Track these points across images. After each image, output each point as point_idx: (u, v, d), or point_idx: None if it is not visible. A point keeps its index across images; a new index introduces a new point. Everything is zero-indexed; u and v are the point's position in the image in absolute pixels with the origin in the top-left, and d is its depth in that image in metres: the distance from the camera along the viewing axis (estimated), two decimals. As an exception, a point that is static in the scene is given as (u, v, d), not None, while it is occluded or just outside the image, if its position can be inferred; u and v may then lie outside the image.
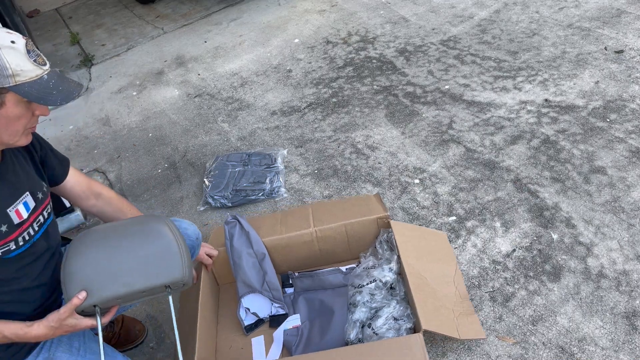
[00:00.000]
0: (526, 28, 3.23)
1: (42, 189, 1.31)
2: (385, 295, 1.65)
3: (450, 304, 1.58)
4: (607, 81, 2.62)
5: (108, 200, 1.53)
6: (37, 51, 1.09)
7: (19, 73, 1.03)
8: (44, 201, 1.31)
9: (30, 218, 1.23)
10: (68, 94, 1.11)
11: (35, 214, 1.26)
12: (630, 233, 1.85)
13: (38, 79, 1.07)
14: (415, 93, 2.84)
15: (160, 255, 1.22)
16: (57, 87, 1.10)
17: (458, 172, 2.26)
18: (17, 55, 1.03)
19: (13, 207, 1.19)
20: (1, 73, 1.02)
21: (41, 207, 1.29)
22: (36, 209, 1.26)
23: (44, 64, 1.09)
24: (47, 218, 1.32)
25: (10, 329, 1.15)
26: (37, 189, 1.28)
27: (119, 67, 3.97)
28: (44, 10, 5.59)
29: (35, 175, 1.31)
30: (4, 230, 1.15)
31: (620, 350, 1.53)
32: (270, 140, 2.74)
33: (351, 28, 3.71)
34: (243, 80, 3.36)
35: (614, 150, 2.21)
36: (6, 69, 1.02)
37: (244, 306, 1.76)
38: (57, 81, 1.10)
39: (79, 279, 1.16)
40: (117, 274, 1.18)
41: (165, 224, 1.27)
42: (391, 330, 1.54)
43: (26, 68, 1.05)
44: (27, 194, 1.24)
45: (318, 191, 2.34)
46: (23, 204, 1.22)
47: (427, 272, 1.63)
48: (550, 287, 1.73)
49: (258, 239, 1.80)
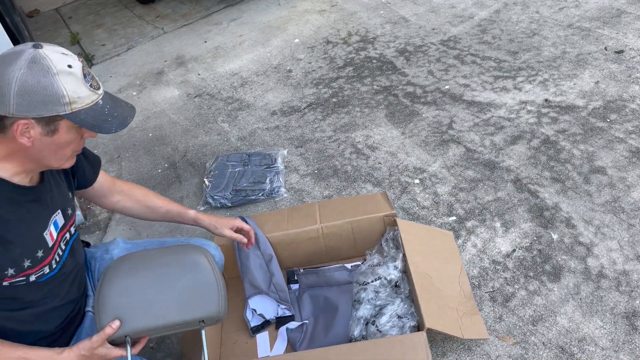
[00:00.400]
0: (526, 28, 3.23)
1: (71, 204, 1.27)
2: (390, 293, 1.65)
3: (455, 303, 1.58)
4: (607, 81, 2.62)
5: (131, 193, 1.49)
6: (91, 73, 1.05)
7: (76, 100, 0.99)
8: (72, 216, 1.27)
9: (58, 237, 1.19)
10: (123, 120, 1.07)
11: (63, 231, 1.22)
12: (630, 233, 1.85)
13: (94, 105, 1.03)
14: (415, 93, 2.84)
15: (197, 288, 1.19)
16: (112, 113, 1.06)
17: (458, 172, 2.26)
18: (74, 80, 0.99)
19: (48, 229, 1.15)
20: (57, 101, 0.97)
21: (69, 223, 1.25)
22: (64, 226, 1.22)
23: (98, 88, 1.05)
24: (73, 234, 1.28)
25: (40, 356, 1.10)
26: (67, 205, 1.24)
27: (119, 67, 3.97)
28: (44, 10, 5.58)
29: (66, 190, 1.27)
30: (40, 255, 1.12)
31: (620, 351, 1.53)
32: (270, 140, 2.74)
33: (351, 28, 3.71)
34: (243, 80, 3.36)
35: (614, 151, 2.21)
36: (63, 96, 0.97)
37: (250, 307, 1.76)
38: (111, 106, 1.06)
39: (112, 308, 1.14)
40: (151, 305, 1.15)
41: (203, 255, 1.24)
42: (395, 328, 1.54)
43: (83, 94, 1.00)
44: (58, 212, 1.20)
45: (318, 191, 2.34)
46: (54, 223, 1.18)
47: (432, 271, 1.63)
48: (550, 287, 1.73)
49: (265, 240, 1.81)
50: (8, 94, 0.95)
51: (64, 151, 1.08)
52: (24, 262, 1.09)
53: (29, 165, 1.08)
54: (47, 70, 0.96)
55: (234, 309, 1.82)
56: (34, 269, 1.11)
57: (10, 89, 0.94)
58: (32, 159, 1.07)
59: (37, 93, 0.96)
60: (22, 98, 0.95)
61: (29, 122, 0.98)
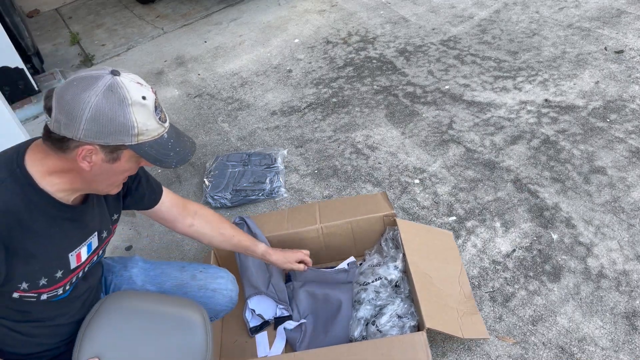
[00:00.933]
0: (526, 28, 3.23)
1: (109, 226, 1.25)
2: (390, 293, 1.65)
3: (455, 303, 1.58)
4: (607, 81, 2.62)
5: (205, 218, 1.48)
6: (161, 106, 1.04)
7: (144, 132, 0.98)
8: (106, 239, 1.25)
9: (86, 260, 1.17)
10: (184, 155, 1.06)
11: (94, 254, 1.20)
12: (630, 233, 1.85)
13: (159, 138, 1.02)
14: (415, 93, 2.85)
15: (186, 352, 1.17)
16: (174, 147, 1.04)
17: (458, 172, 2.26)
18: (145, 112, 0.98)
19: (76, 251, 1.13)
20: (127, 131, 0.96)
21: (102, 245, 1.23)
22: (96, 249, 1.21)
23: (165, 121, 1.04)
24: (101, 255, 1.26)
25: None
26: (105, 227, 1.22)
27: (119, 67, 3.96)
28: (44, 10, 5.58)
29: (107, 212, 1.24)
30: (59, 276, 1.10)
31: (620, 351, 1.53)
32: (270, 140, 2.74)
33: (351, 28, 3.71)
34: (243, 80, 3.36)
35: (614, 151, 2.21)
36: (133, 127, 0.96)
37: (249, 308, 1.76)
38: (175, 140, 1.05)
39: (96, 345, 1.12)
40: (135, 354, 1.13)
41: (202, 316, 1.22)
42: (395, 328, 1.55)
43: (151, 127, 0.99)
44: (95, 235, 1.18)
45: (318, 191, 2.34)
46: (87, 246, 1.16)
47: (432, 270, 1.64)
48: (550, 287, 1.73)
49: (265, 240, 1.81)
50: (80, 118, 0.93)
51: (117, 178, 1.08)
52: (41, 279, 1.07)
53: (77, 185, 1.06)
54: (122, 100, 0.95)
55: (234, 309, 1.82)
56: (49, 288, 1.09)
57: (84, 114, 0.93)
58: (84, 181, 1.05)
59: (110, 122, 0.94)
60: (94, 124, 0.94)
61: (93, 149, 0.97)
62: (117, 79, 0.97)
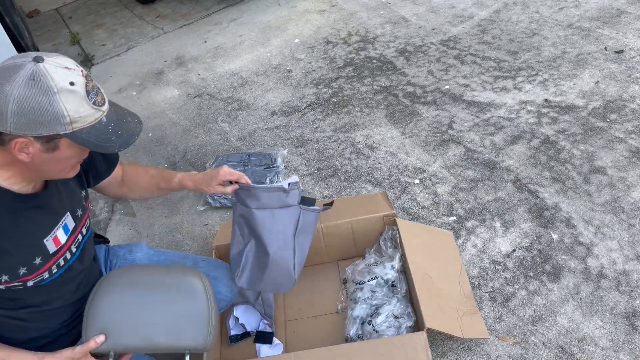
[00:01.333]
0: (526, 28, 3.23)
1: (82, 203, 1.23)
2: (387, 293, 1.65)
3: (455, 303, 1.58)
4: (607, 81, 2.62)
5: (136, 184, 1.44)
6: (96, 88, 0.99)
7: (77, 119, 0.94)
8: (83, 217, 1.23)
9: (68, 241, 1.17)
10: (127, 138, 1.02)
11: (75, 234, 1.19)
12: (630, 233, 1.85)
13: (96, 124, 0.98)
14: (415, 93, 2.85)
15: (189, 317, 1.18)
16: (116, 131, 1.00)
17: (458, 172, 2.26)
18: (76, 99, 0.93)
19: (51, 235, 1.12)
20: (57, 121, 0.92)
21: (80, 224, 1.22)
22: (75, 228, 1.20)
23: (102, 104, 0.99)
24: (86, 234, 1.25)
25: (20, 358, 1.09)
26: (77, 206, 1.21)
27: (119, 67, 3.97)
28: (44, 10, 5.59)
29: (76, 189, 1.23)
30: (38, 262, 1.10)
31: (620, 350, 1.53)
32: (270, 140, 2.74)
33: (351, 28, 3.71)
34: (243, 80, 3.36)
35: (614, 151, 2.21)
36: (64, 116, 0.92)
37: (234, 315, 1.74)
38: (116, 123, 1.01)
39: (100, 321, 1.13)
40: (140, 324, 1.15)
41: (202, 283, 1.23)
42: (391, 328, 1.54)
43: (85, 113, 0.95)
44: (67, 215, 1.17)
45: (318, 191, 2.34)
46: (63, 227, 1.15)
47: (432, 270, 1.64)
48: (550, 287, 1.73)
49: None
50: (6, 112, 0.90)
51: (64, 165, 1.05)
52: (19, 269, 1.07)
53: (28, 175, 1.05)
54: (46, 90, 0.91)
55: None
56: (31, 275, 1.09)
57: (8, 108, 0.90)
58: (32, 171, 1.04)
59: (36, 113, 0.91)
60: (20, 117, 0.91)
61: (27, 140, 0.94)
62: (40, 66, 0.92)
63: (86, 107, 0.95)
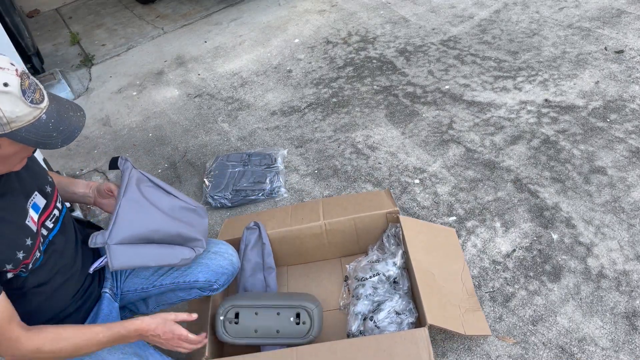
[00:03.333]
0: (526, 28, 3.23)
1: (48, 180, 1.25)
2: (388, 289, 1.66)
3: (457, 300, 1.58)
4: (607, 81, 2.62)
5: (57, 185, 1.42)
6: (33, 86, 0.99)
7: (14, 119, 0.94)
8: (54, 193, 1.25)
9: (40, 219, 1.18)
10: (69, 134, 1.03)
11: (47, 211, 1.21)
12: (630, 233, 1.85)
13: (36, 122, 0.98)
14: (415, 93, 2.84)
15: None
16: (57, 127, 1.01)
17: (458, 172, 2.26)
18: (11, 99, 0.93)
19: (27, 217, 1.14)
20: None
21: (53, 200, 1.23)
22: (47, 205, 1.21)
23: (41, 101, 0.99)
24: (62, 209, 1.27)
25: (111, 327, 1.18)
26: (42, 183, 1.23)
27: (119, 67, 3.97)
28: (44, 10, 5.58)
29: (38, 167, 1.25)
30: (29, 243, 1.12)
31: (620, 351, 1.53)
32: (270, 140, 2.74)
33: (351, 28, 3.71)
34: (243, 80, 3.36)
35: (614, 151, 2.21)
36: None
37: None
38: (56, 120, 1.01)
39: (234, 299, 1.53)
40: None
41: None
42: (393, 324, 1.55)
43: (22, 112, 0.95)
44: (35, 195, 1.19)
45: (318, 191, 2.34)
46: (32, 207, 1.17)
47: (434, 267, 1.64)
48: (550, 287, 1.73)
49: (270, 252, 1.82)
50: None
51: (11, 162, 1.06)
52: (17, 254, 1.09)
53: None
54: None
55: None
56: (29, 258, 1.12)
57: None
58: None
59: None
60: None
61: None
62: None
63: (22, 106, 0.95)
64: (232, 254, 1.60)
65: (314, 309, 1.54)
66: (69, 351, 1.12)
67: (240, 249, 1.81)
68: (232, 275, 1.60)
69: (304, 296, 1.62)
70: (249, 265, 1.79)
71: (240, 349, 1.70)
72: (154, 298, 1.56)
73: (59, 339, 1.11)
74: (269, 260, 1.81)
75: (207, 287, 1.54)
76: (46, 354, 1.10)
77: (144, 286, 1.50)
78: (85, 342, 1.14)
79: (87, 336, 1.15)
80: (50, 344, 1.10)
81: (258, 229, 1.84)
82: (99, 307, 1.37)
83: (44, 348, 1.09)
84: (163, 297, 1.56)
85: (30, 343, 1.07)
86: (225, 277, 1.56)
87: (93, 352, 1.18)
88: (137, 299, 1.53)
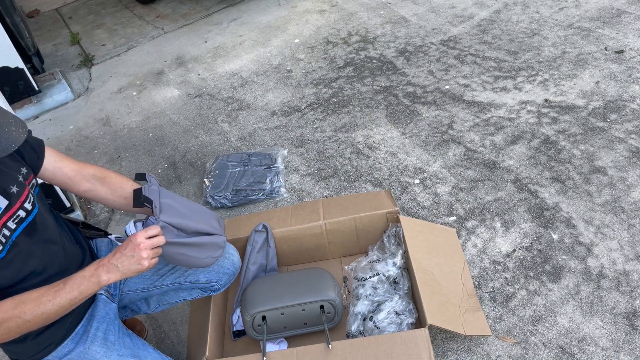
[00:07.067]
0: (526, 28, 3.23)
1: (16, 181, 1.22)
2: (388, 289, 1.66)
3: (457, 300, 1.58)
4: (607, 81, 2.62)
5: (103, 183, 1.38)
6: None
7: None
8: (22, 194, 1.21)
9: (3, 218, 1.15)
10: (6, 146, 1.01)
11: (11, 211, 1.18)
12: (630, 233, 1.85)
13: None
14: (415, 93, 2.85)
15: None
16: None
17: (458, 172, 2.26)
18: None
19: None
20: None
21: (18, 201, 1.20)
22: (10, 206, 1.18)
23: None
24: (32, 210, 1.23)
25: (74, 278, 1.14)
26: (8, 184, 1.20)
27: (119, 67, 3.97)
28: (44, 10, 5.58)
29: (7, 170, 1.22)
30: None
31: (620, 351, 1.53)
32: (271, 140, 2.74)
33: (351, 28, 3.71)
34: (243, 80, 3.36)
35: (614, 151, 2.21)
36: None
37: (237, 313, 1.76)
38: None
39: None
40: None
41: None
42: (393, 325, 1.55)
43: None
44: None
45: (318, 191, 2.34)
46: None
47: (434, 267, 1.64)
48: (550, 287, 1.73)
49: (275, 255, 1.82)
50: None
51: None
52: None
53: None
54: None
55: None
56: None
57: None
58: None
59: None
60: None
61: None
62: None
63: None
64: (233, 253, 1.60)
65: (336, 298, 1.58)
66: (33, 312, 1.10)
67: (246, 250, 1.81)
68: (233, 276, 1.60)
69: (322, 281, 1.63)
70: (254, 268, 1.79)
71: (241, 349, 1.71)
72: (156, 298, 1.56)
73: (18, 302, 1.10)
74: (273, 262, 1.82)
75: (209, 287, 1.54)
76: (11, 321, 1.09)
77: (145, 286, 1.49)
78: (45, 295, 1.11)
79: (45, 289, 1.13)
80: (12, 310, 1.09)
81: (266, 232, 1.84)
82: (94, 310, 1.35)
83: (7, 315, 1.09)
84: (165, 297, 1.56)
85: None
86: (226, 277, 1.56)
87: (62, 308, 1.14)
88: (139, 298, 1.52)
